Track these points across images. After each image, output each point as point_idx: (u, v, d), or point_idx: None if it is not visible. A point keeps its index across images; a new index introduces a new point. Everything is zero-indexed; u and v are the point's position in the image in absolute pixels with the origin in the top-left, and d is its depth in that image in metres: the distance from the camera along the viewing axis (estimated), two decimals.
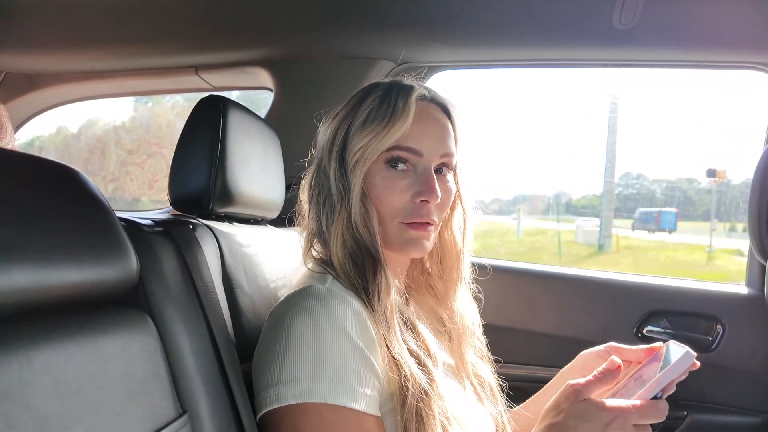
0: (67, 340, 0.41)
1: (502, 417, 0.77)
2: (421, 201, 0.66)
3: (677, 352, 0.59)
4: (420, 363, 0.63)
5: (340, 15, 1.20)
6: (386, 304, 0.63)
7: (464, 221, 0.76)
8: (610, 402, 0.57)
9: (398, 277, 0.72)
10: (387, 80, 0.72)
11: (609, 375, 0.59)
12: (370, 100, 0.67)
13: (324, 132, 0.71)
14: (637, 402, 0.56)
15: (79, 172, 0.51)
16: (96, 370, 0.42)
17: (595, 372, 0.60)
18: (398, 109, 0.65)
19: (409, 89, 0.68)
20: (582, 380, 0.59)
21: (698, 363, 0.59)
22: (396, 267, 0.73)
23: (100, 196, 0.51)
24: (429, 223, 0.68)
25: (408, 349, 0.63)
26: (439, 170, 0.69)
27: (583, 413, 0.57)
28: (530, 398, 0.86)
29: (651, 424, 0.58)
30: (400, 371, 0.60)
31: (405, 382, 0.60)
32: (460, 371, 0.75)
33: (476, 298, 0.82)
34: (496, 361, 0.83)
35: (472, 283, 0.79)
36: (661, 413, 0.56)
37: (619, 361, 0.61)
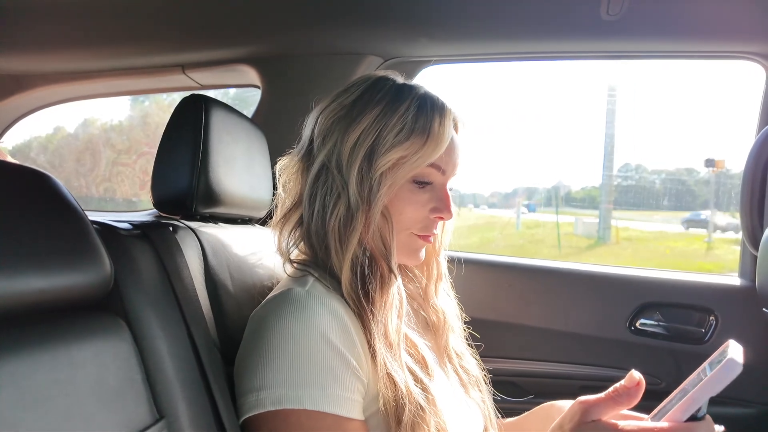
0: (34, 349, 0.40)
1: (487, 408, 0.77)
2: (437, 217, 0.68)
3: (723, 358, 0.46)
4: (416, 378, 0.62)
5: (327, 11, 1.18)
6: (390, 318, 0.62)
7: (443, 222, 0.75)
8: (625, 425, 0.48)
9: None
10: (412, 83, 0.70)
11: (625, 395, 0.50)
12: (404, 106, 0.64)
13: (337, 124, 0.65)
14: (663, 425, 0.46)
15: (50, 176, 0.50)
16: (66, 378, 0.42)
17: (611, 389, 0.51)
18: (435, 129, 0.64)
19: (443, 108, 0.67)
20: (592, 397, 0.51)
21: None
22: None
23: (71, 200, 0.50)
24: (434, 235, 0.70)
25: (405, 365, 0.62)
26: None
27: None
28: (517, 417, 0.84)
29: None
30: (397, 389, 0.59)
31: (402, 400, 0.58)
32: (444, 365, 0.75)
33: (467, 292, 0.82)
34: (482, 354, 0.83)
35: (460, 275, 0.80)
36: None
37: (638, 376, 0.50)
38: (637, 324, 1.26)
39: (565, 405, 0.74)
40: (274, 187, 0.95)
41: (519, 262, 1.38)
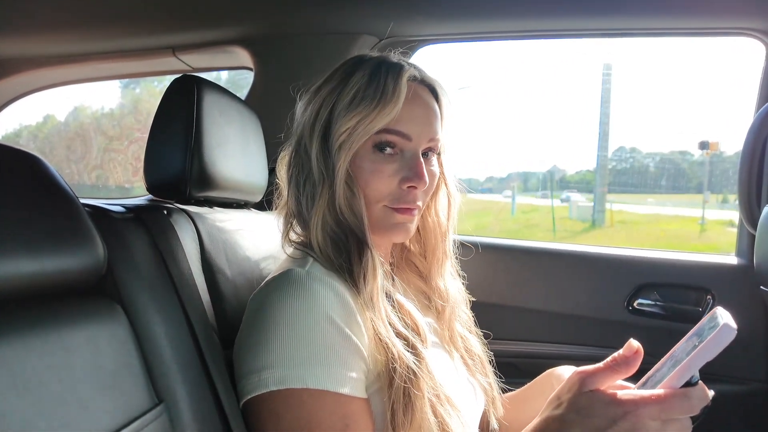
0: (25, 333, 0.39)
1: (492, 389, 0.77)
2: (409, 187, 0.65)
3: (715, 324, 0.46)
4: (408, 344, 0.61)
5: None
6: (372, 286, 0.61)
7: (449, 203, 0.74)
8: (623, 394, 0.48)
9: (383, 257, 0.71)
10: (374, 55, 0.68)
11: (624, 363, 0.49)
12: (357, 77, 0.64)
13: (305, 107, 0.68)
14: (660, 392, 0.46)
15: (40, 158, 0.49)
16: (59, 362, 0.41)
17: (608, 359, 0.50)
18: (388, 91, 0.62)
19: (400, 68, 0.65)
20: (590, 367, 0.50)
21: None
22: (379, 249, 0.72)
23: (62, 183, 0.48)
24: (414, 208, 0.66)
25: (395, 330, 0.62)
26: (424, 154, 0.67)
27: (585, 407, 0.48)
28: (520, 389, 0.85)
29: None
30: (387, 353, 0.59)
31: (392, 364, 0.58)
32: (449, 346, 0.75)
33: (463, 276, 0.81)
34: (485, 336, 0.82)
35: (456, 259, 0.78)
36: (692, 405, 0.46)
37: (637, 344, 0.50)
38: (635, 304, 1.26)
39: (564, 371, 0.75)
40: (270, 171, 0.94)
41: (516, 243, 1.38)
